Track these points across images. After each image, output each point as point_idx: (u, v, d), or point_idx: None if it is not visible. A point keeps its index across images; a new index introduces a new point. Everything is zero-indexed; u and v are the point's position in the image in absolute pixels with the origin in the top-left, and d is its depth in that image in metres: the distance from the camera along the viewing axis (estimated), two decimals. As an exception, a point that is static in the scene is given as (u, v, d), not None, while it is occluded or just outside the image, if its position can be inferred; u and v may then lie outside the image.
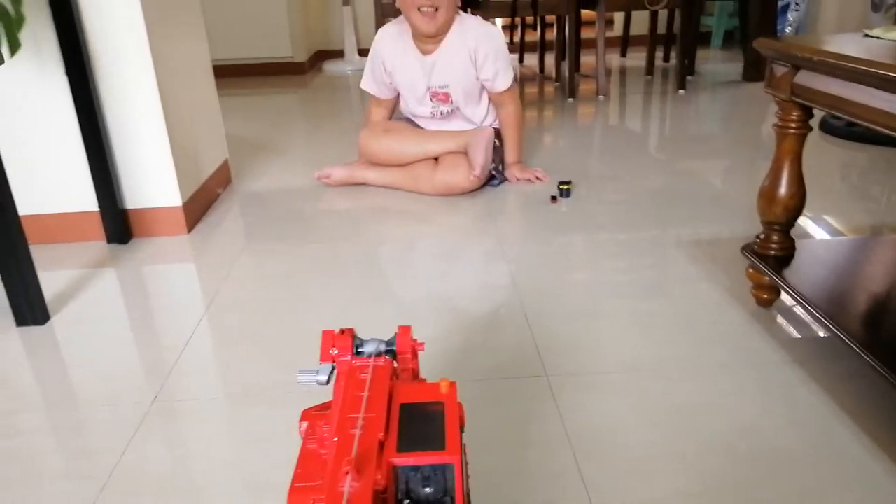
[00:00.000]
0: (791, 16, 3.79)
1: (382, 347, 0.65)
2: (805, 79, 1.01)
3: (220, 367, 1.12)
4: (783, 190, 1.09)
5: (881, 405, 0.94)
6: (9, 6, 1.24)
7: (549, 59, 3.68)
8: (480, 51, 1.83)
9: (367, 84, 1.99)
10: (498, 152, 1.92)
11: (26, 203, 1.52)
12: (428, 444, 0.51)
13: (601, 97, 3.00)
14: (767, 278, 1.12)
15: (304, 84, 3.74)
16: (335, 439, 0.51)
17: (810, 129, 1.08)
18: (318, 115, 3.10)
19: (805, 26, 3.85)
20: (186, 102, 1.73)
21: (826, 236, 1.52)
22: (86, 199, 1.59)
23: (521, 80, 3.64)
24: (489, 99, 1.95)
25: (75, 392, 1.06)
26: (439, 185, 1.84)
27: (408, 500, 0.50)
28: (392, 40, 1.90)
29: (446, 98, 1.91)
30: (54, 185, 1.58)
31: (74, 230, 1.61)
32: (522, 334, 1.15)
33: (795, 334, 1.13)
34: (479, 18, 1.90)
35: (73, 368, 1.13)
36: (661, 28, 3.61)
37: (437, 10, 1.76)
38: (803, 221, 1.58)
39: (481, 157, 1.80)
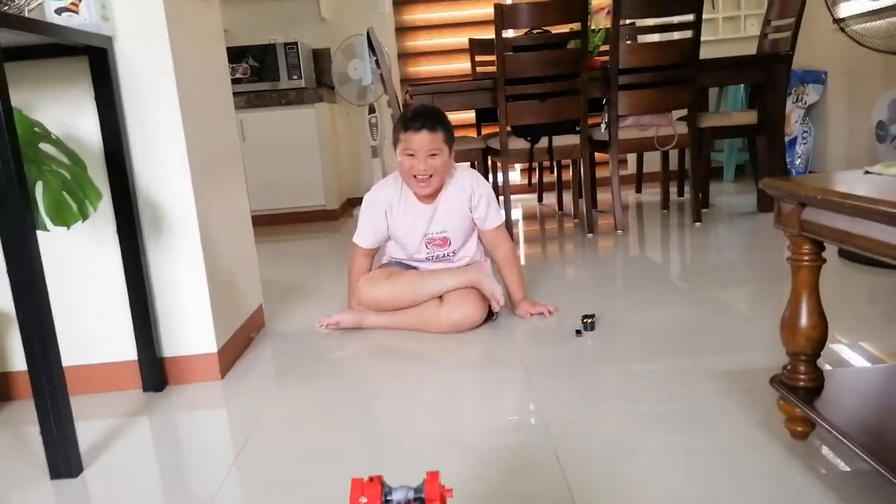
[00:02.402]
0: (799, 148, 3.94)
1: (411, 495, 0.66)
2: (812, 215, 1.05)
3: (250, 518, 1.11)
4: (804, 321, 1.11)
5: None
6: (67, 172, 1.37)
7: (567, 197, 3.83)
8: (475, 193, 2.00)
9: (361, 238, 2.05)
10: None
11: (70, 354, 1.59)
12: None
13: (619, 231, 3.09)
14: (799, 410, 1.10)
15: (336, 229, 3.92)
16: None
17: (824, 260, 1.11)
18: (347, 258, 3.22)
19: (814, 157, 3.99)
20: (226, 254, 1.84)
21: (861, 363, 1.50)
22: (126, 350, 1.65)
23: (540, 218, 3.78)
24: (480, 241, 2.09)
25: (104, 548, 1.05)
26: (447, 325, 1.90)
27: None
28: (394, 191, 2.01)
29: (444, 242, 2.01)
30: (97, 337, 1.65)
31: (113, 379, 1.66)
32: (553, 474, 1.13)
33: (835, 468, 1.10)
34: (469, 170, 2.11)
35: (104, 522, 1.12)
36: (674, 164, 3.78)
37: (431, 176, 1.91)
38: (837, 349, 1.57)
39: (497, 287, 1.92)
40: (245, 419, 1.48)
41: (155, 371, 1.64)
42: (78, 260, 1.62)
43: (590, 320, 1.82)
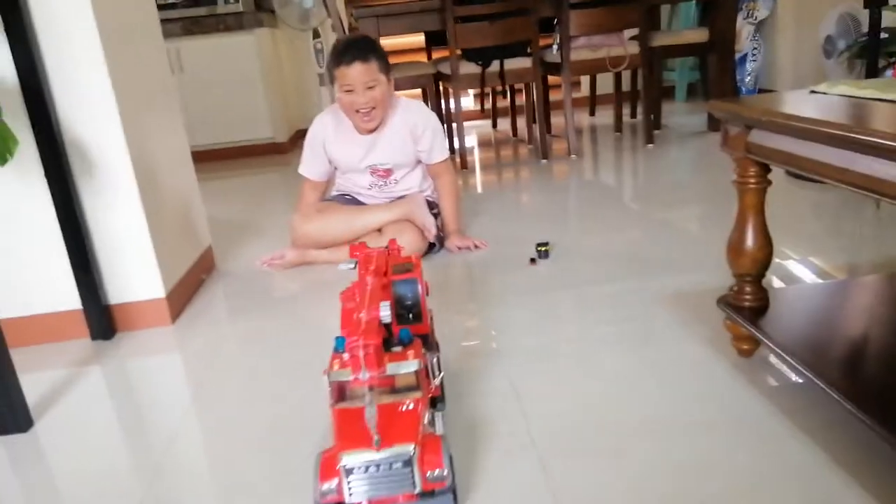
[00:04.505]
0: (749, 66, 3.94)
1: (382, 248, 1.10)
2: (758, 137, 1.05)
3: (207, 462, 1.11)
4: (750, 243, 1.12)
5: (868, 451, 0.94)
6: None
7: (522, 122, 3.79)
8: (419, 126, 1.95)
9: (305, 169, 2.05)
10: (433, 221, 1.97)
11: (8, 306, 1.53)
12: (405, 271, 1.04)
13: (573, 156, 3.08)
14: (745, 330, 1.13)
15: (287, 162, 3.80)
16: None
17: (769, 182, 1.12)
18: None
19: (764, 75, 4.00)
20: (166, 194, 1.76)
21: (808, 278, 1.55)
22: (69, 298, 1.59)
23: (496, 144, 3.74)
24: (427, 171, 2.05)
25: (62, 501, 1.04)
26: None
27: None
28: (332, 126, 1.99)
29: (386, 173, 2.00)
30: (36, 287, 1.58)
31: (58, 330, 1.60)
32: (507, 402, 1.15)
33: (779, 383, 1.14)
34: (418, 103, 2.04)
35: (59, 476, 1.11)
36: (626, 86, 3.74)
37: (373, 108, 1.86)
38: (784, 265, 1.61)
39: (429, 219, 1.92)
40: (198, 362, 1.46)
41: (102, 319, 1.60)
42: (6, 209, 1.54)
43: (544, 248, 1.83)
